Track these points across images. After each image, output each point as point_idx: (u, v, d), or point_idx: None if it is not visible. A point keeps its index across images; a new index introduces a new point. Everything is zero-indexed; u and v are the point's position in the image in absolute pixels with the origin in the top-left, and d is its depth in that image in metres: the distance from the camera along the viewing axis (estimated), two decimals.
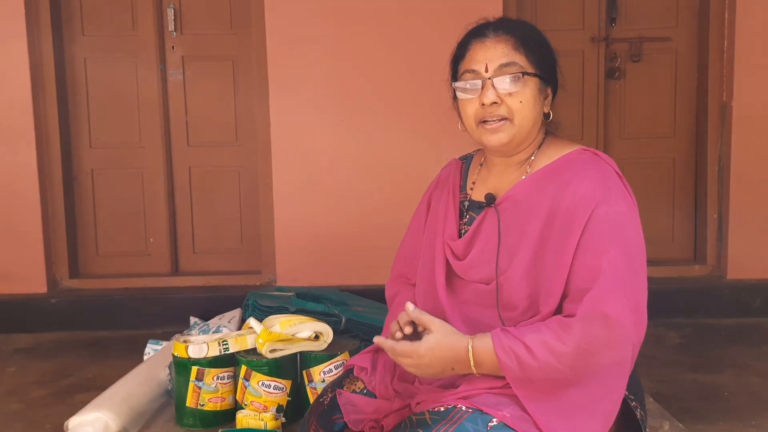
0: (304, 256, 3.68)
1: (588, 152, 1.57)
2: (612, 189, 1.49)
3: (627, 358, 1.41)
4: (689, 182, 4.01)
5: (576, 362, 1.37)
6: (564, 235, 1.45)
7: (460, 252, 1.60)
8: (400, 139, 3.68)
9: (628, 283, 1.41)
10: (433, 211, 1.72)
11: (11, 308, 3.66)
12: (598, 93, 3.96)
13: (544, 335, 1.39)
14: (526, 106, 1.53)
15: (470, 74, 1.55)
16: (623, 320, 1.38)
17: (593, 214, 1.44)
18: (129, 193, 3.97)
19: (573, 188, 1.47)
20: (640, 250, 1.48)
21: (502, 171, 1.63)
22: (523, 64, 1.52)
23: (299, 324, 2.38)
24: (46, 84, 3.76)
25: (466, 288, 1.59)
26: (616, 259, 1.41)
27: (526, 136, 1.56)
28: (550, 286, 1.45)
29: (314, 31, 3.63)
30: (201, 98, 3.95)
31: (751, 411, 2.52)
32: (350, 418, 1.57)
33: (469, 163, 1.75)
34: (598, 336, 1.37)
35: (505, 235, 1.53)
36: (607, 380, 1.40)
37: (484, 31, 1.57)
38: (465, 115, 1.58)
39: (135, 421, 2.32)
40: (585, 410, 1.39)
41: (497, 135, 1.54)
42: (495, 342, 1.40)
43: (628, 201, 1.51)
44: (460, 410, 1.39)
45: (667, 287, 3.72)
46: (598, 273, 1.40)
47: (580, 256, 1.43)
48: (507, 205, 1.56)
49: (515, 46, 1.53)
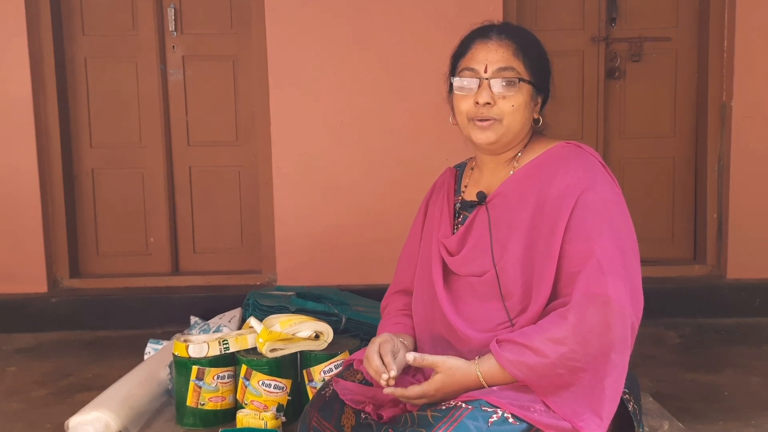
0: (304, 255, 3.69)
1: (571, 145, 1.64)
2: (597, 177, 1.55)
3: (627, 335, 1.46)
4: (689, 182, 4.01)
5: (584, 347, 1.41)
6: (553, 222, 1.52)
7: (454, 248, 1.67)
8: (400, 139, 3.68)
9: (621, 264, 1.47)
10: (430, 217, 1.80)
11: (11, 308, 3.66)
12: (598, 93, 3.96)
13: (546, 332, 1.44)
14: (517, 110, 1.60)
15: (469, 72, 1.62)
16: (620, 299, 1.44)
17: (579, 201, 1.51)
18: (129, 193, 3.97)
19: (559, 179, 1.55)
20: (629, 233, 1.54)
21: (492, 170, 1.70)
22: (520, 71, 1.60)
23: (299, 323, 2.39)
24: (46, 84, 3.76)
25: (460, 283, 1.65)
26: (606, 242, 1.47)
27: (513, 137, 1.64)
28: (542, 273, 1.51)
29: (314, 30, 3.63)
30: (201, 98, 3.95)
31: (751, 410, 2.52)
32: (347, 398, 1.59)
33: (462, 170, 1.83)
34: (598, 316, 1.42)
35: (496, 229, 1.60)
36: (613, 359, 1.44)
37: (488, 33, 1.64)
38: (458, 110, 1.66)
39: (135, 421, 2.32)
40: (598, 391, 1.43)
41: (486, 133, 1.61)
42: (502, 362, 1.46)
43: (614, 188, 1.58)
44: (460, 408, 1.41)
45: (667, 287, 3.72)
46: (590, 256, 1.46)
47: (570, 241, 1.49)
48: (497, 201, 1.64)
49: (515, 52, 1.60)
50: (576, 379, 1.43)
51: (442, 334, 1.64)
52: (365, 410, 1.55)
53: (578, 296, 1.44)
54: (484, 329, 1.56)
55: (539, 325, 1.47)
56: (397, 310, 1.81)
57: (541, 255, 1.52)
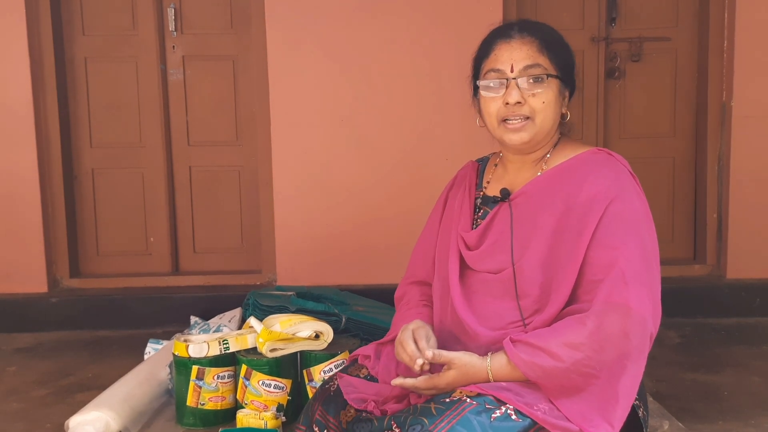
0: (304, 255, 3.69)
1: (603, 152, 1.63)
2: (626, 187, 1.54)
3: (645, 346, 1.46)
4: (689, 182, 4.02)
5: (600, 354, 1.41)
6: (579, 229, 1.51)
7: (473, 243, 1.66)
8: (400, 139, 3.68)
9: (645, 275, 1.47)
10: (449, 209, 1.78)
11: (11, 308, 3.67)
12: (598, 93, 3.96)
13: (563, 336, 1.43)
14: (548, 106, 1.59)
15: (495, 73, 1.60)
16: (641, 310, 1.44)
17: (608, 210, 1.50)
18: (129, 193, 3.97)
19: (588, 185, 1.53)
20: (654, 246, 1.54)
21: (518, 169, 1.68)
22: (546, 66, 1.58)
23: (299, 323, 2.39)
24: (46, 84, 3.76)
25: (475, 278, 1.64)
26: (632, 253, 1.47)
27: (545, 135, 1.62)
28: (563, 276, 1.50)
29: (314, 30, 3.63)
30: (201, 98, 3.95)
31: (751, 410, 2.53)
32: (351, 396, 1.59)
33: (485, 165, 1.81)
34: (617, 325, 1.42)
35: (518, 227, 1.59)
36: (628, 368, 1.44)
37: (509, 32, 1.62)
38: (487, 113, 1.63)
39: (135, 421, 2.32)
40: (610, 398, 1.43)
41: (519, 134, 1.59)
42: (516, 362, 1.45)
43: (642, 199, 1.57)
44: (463, 401, 1.41)
45: (667, 287, 3.62)
46: (614, 265, 1.45)
47: (595, 249, 1.48)
48: (521, 199, 1.62)
49: (539, 48, 1.59)
50: (589, 384, 1.42)
51: (452, 328, 1.63)
52: (368, 410, 1.55)
53: (599, 304, 1.44)
54: (495, 327, 1.56)
55: (555, 328, 1.46)
56: (417, 300, 1.79)
57: (564, 259, 1.51)
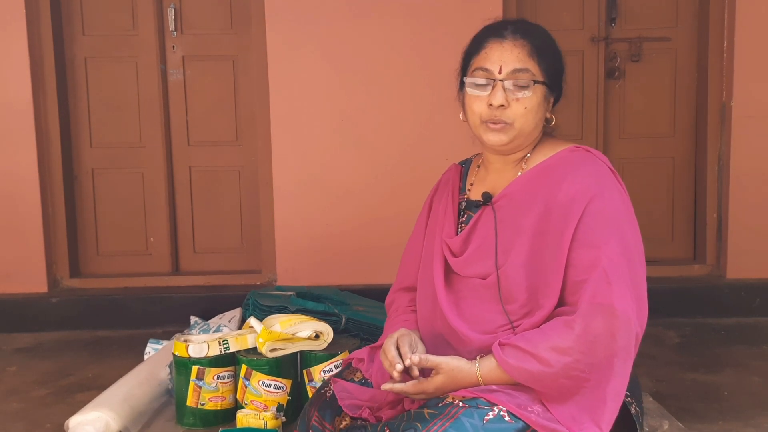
0: (304, 255, 3.69)
1: (581, 149, 1.61)
2: (606, 184, 1.53)
3: (631, 345, 1.45)
4: (689, 182, 4.01)
5: (588, 357, 1.41)
6: (560, 229, 1.50)
7: (457, 248, 1.64)
8: (400, 139, 3.68)
9: (628, 273, 1.46)
10: (434, 215, 1.77)
11: (11, 308, 3.67)
12: (597, 93, 3.96)
13: (551, 340, 1.43)
14: (530, 112, 1.57)
15: (482, 72, 1.58)
16: (626, 309, 1.43)
17: (588, 208, 1.49)
18: (129, 193, 3.97)
19: (568, 184, 1.52)
20: (636, 242, 1.52)
21: (499, 170, 1.67)
22: (534, 72, 1.57)
23: (299, 323, 2.39)
24: (46, 84, 3.76)
25: (462, 284, 1.63)
26: (613, 251, 1.46)
27: (525, 138, 1.61)
28: (548, 279, 1.49)
29: (314, 30, 3.63)
30: (201, 98, 3.95)
31: (751, 410, 2.53)
32: (345, 403, 1.59)
33: (467, 167, 1.80)
34: (603, 326, 1.42)
35: (501, 231, 1.58)
36: (616, 368, 1.43)
37: (502, 32, 1.59)
38: (470, 110, 1.61)
39: (135, 421, 2.33)
40: (599, 400, 1.43)
41: (498, 135, 1.58)
42: (504, 367, 1.45)
43: (623, 195, 1.56)
44: (456, 405, 1.41)
45: (667, 287, 3.72)
46: (596, 265, 1.44)
47: (577, 248, 1.47)
48: (503, 202, 1.61)
49: (530, 52, 1.57)
50: (578, 387, 1.43)
51: (443, 333, 1.63)
52: (362, 416, 1.55)
53: (584, 306, 1.43)
54: (486, 331, 1.55)
55: (543, 331, 1.45)
56: (405, 306, 1.80)
57: (548, 261, 1.50)
